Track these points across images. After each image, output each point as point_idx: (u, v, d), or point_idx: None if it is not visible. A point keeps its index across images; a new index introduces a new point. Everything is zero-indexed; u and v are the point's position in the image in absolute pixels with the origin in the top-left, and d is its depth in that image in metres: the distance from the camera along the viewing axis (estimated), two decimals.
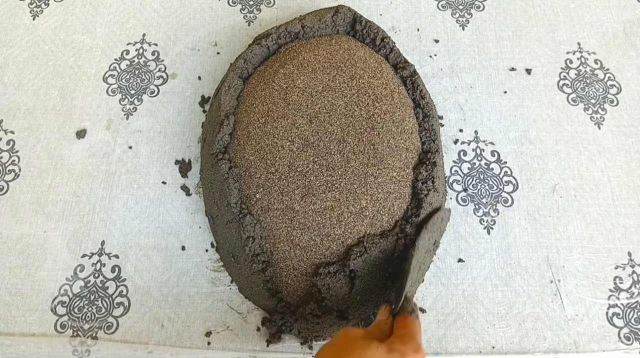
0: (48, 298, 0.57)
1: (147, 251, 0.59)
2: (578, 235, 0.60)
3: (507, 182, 0.63)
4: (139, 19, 0.73)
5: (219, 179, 0.55)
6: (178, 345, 0.55)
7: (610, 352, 0.55)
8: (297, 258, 0.52)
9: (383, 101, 0.57)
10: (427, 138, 0.58)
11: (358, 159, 0.54)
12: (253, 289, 0.55)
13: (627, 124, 0.66)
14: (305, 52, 0.60)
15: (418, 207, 0.54)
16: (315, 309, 0.52)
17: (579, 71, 0.70)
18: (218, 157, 0.55)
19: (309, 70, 0.58)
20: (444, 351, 0.55)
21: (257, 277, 0.53)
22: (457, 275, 0.58)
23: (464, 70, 0.69)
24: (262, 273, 0.53)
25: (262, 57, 0.63)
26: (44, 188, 0.62)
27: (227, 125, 0.57)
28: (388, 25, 0.72)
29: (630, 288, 0.58)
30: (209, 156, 0.57)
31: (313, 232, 0.52)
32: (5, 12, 0.74)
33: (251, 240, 0.53)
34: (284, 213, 0.53)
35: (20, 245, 0.59)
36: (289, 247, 0.52)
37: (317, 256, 0.52)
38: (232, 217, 0.53)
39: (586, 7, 0.74)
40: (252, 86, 0.59)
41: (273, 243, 0.53)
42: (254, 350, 0.54)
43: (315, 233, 0.52)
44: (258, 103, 0.57)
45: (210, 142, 0.58)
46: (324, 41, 0.62)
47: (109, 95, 0.68)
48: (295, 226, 0.52)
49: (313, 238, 0.52)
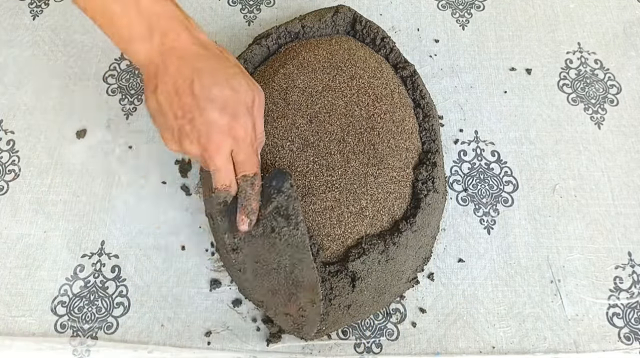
0: (48, 298, 0.57)
1: (147, 251, 0.59)
2: (578, 235, 0.60)
3: (507, 182, 0.63)
4: None
5: None
6: (178, 345, 0.55)
7: (610, 352, 0.55)
8: None
9: (383, 101, 0.57)
10: (427, 138, 0.58)
11: (358, 159, 0.54)
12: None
13: (627, 124, 0.66)
14: (305, 52, 0.60)
15: (418, 207, 0.54)
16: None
17: (579, 71, 0.70)
18: None
19: (309, 70, 0.58)
20: (444, 351, 0.55)
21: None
22: (457, 275, 0.58)
23: (464, 70, 0.69)
24: None
25: (262, 57, 0.63)
26: (44, 189, 0.62)
27: None
28: (388, 25, 0.72)
29: (630, 288, 0.58)
30: None
31: (313, 232, 0.52)
32: (5, 12, 0.74)
33: None
34: None
35: (20, 245, 0.59)
36: None
37: (317, 256, 0.52)
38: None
39: (586, 7, 0.74)
40: None
41: None
42: (254, 350, 0.54)
43: (315, 233, 0.52)
44: None
45: None
46: (324, 41, 0.62)
47: (109, 95, 0.68)
48: None
49: (313, 238, 0.52)
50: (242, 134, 0.45)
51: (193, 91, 0.43)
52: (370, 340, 0.55)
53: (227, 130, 0.44)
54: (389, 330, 0.56)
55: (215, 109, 0.43)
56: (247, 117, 0.45)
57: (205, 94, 0.43)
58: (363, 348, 0.55)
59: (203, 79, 0.43)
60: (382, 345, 0.55)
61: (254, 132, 0.46)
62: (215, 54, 0.46)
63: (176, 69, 0.43)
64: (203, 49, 0.45)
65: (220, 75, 0.44)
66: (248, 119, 0.45)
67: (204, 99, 0.43)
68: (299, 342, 0.54)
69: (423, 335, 0.55)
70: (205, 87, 0.43)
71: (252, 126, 0.46)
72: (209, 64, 0.44)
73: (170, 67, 0.44)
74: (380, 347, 0.55)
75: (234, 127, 0.44)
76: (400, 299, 0.57)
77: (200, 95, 0.43)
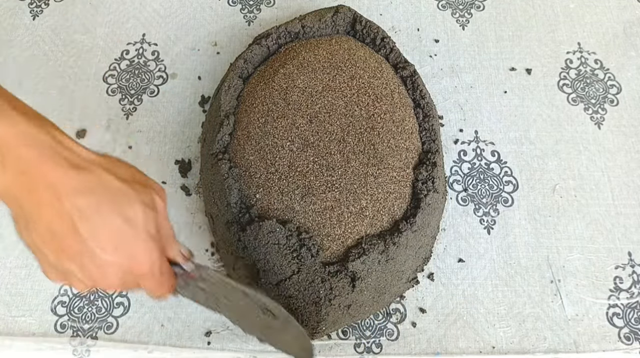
0: (48, 298, 0.57)
1: None
2: (578, 235, 0.60)
3: (507, 182, 0.63)
4: (139, 19, 0.73)
5: (219, 179, 0.55)
6: (178, 345, 0.55)
7: (610, 352, 0.55)
8: None
9: (383, 101, 0.57)
10: (427, 138, 0.58)
11: (358, 159, 0.54)
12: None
13: (627, 124, 0.66)
14: (305, 52, 0.60)
15: (418, 207, 0.54)
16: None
17: (579, 71, 0.70)
18: (218, 157, 0.55)
19: (309, 70, 0.58)
20: (444, 351, 0.55)
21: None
22: (457, 275, 0.58)
23: (464, 70, 0.69)
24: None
25: (262, 57, 0.63)
26: None
27: (227, 125, 0.57)
28: (388, 25, 0.72)
29: (630, 288, 0.58)
30: (209, 156, 0.57)
31: (313, 232, 0.52)
32: (5, 12, 0.74)
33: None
34: (283, 213, 0.52)
35: (21, 245, 0.59)
36: None
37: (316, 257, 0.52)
38: (232, 217, 0.53)
39: (586, 7, 0.74)
40: (252, 86, 0.59)
41: None
42: (253, 350, 0.54)
43: (315, 233, 0.52)
44: (258, 103, 0.57)
45: (210, 142, 0.58)
46: (324, 41, 0.62)
47: (109, 95, 0.68)
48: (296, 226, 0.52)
49: (313, 239, 0.52)
50: (145, 270, 0.38)
51: (77, 232, 0.35)
52: (370, 340, 0.55)
53: (127, 270, 0.38)
54: (389, 330, 0.56)
55: (107, 252, 0.36)
56: (148, 248, 0.38)
57: (93, 236, 0.36)
58: (363, 348, 0.55)
59: (87, 218, 0.35)
60: (382, 345, 0.55)
61: (161, 259, 0.39)
62: (97, 176, 0.37)
63: (48, 205, 0.35)
64: (81, 175, 0.36)
65: (107, 207, 0.36)
66: (151, 249, 0.38)
67: (92, 241, 0.36)
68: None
69: (423, 335, 0.55)
70: (92, 228, 0.36)
71: (159, 253, 0.39)
72: (91, 197, 0.36)
73: (39, 203, 0.35)
74: (380, 347, 0.55)
75: (133, 267, 0.38)
76: (400, 299, 0.57)
77: (88, 237, 0.35)
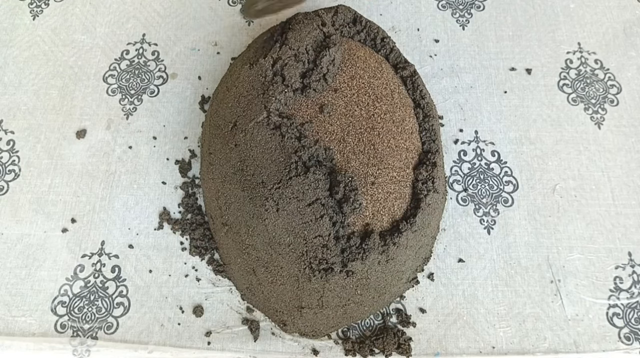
0: (48, 298, 0.57)
1: (147, 251, 0.59)
2: (578, 235, 0.60)
3: (507, 182, 0.63)
4: (139, 19, 0.73)
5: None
6: (178, 345, 0.55)
7: (610, 352, 0.55)
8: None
9: (383, 101, 0.57)
10: (427, 138, 0.58)
11: (358, 159, 0.54)
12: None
13: (627, 124, 0.66)
14: None
15: (418, 207, 0.54)
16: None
17: (579, 71, 0.70)
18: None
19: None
20: (444, 351, 0.55)
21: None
22: (457, 275, 0.58)
23: (464, 70, 0.69)
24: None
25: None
26: (44, 189, 0.62)
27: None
28: (388, 25, 0.72)
29: (631, 288, 0.58)
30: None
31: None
32: (5, 12, 0.74)
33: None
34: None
35: (20, 245, 0.60)
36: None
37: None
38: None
39: (586, 7, 0.74)
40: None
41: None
42: (253, 350, 0.54)
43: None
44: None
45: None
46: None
47: (109, 95, 0.68)
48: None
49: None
50: None
51: None
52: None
53: None
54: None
55: None
56: None
57: None
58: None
59: None
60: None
61: None
62: None
63: None
64: None
65: None
66: None
67: None
68: (299, 342, 0.54)
69: (423, 335, 0.55)
70: None
71: None
72: None
73: None
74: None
75: None
76: (400, 299, 0.57)
77: None
